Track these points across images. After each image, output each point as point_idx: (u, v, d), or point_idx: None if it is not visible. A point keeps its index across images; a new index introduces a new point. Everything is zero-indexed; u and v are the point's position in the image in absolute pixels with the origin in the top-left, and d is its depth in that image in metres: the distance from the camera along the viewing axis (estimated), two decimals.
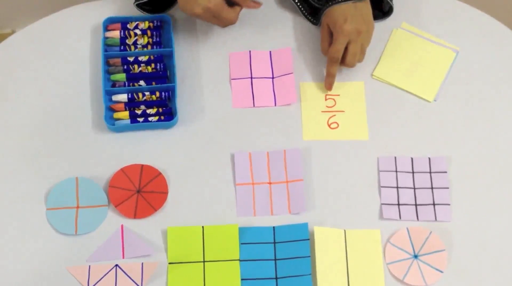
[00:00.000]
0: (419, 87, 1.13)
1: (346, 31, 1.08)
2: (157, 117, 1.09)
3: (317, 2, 1.15)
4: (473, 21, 1.18)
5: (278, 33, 1.18)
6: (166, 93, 1.10)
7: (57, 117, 1.11)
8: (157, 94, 1.10)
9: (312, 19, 1.17)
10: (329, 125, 1.11)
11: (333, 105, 1.12)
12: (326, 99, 1.13)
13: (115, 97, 1.10)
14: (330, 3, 1.10)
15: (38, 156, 1.08)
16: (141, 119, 1.09)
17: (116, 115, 1.10)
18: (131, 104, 1.10)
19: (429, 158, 1.09)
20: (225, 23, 1.11)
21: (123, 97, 1.10)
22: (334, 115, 1.12)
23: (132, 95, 1.10)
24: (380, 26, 1.17)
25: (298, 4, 1.17)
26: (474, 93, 1.14)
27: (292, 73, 1.14)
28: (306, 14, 1.17)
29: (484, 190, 1.07)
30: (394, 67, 1.15)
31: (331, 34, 1.11)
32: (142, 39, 1.14)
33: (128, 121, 1.09)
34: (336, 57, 1.09)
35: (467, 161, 1.09)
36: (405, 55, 1.15)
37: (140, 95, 1.10)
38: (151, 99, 1.10)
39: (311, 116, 1.11)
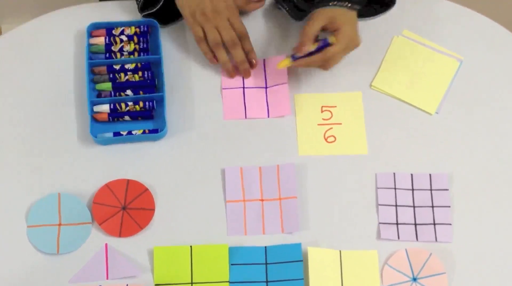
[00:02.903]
0: (420, 98, 1.09)
1: (355, 44, 1.05)
2: (141, 131, 1.04)
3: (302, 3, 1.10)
4: (479, 28, 1.14)
5: (272, 40, 1.13)
6: (150, 103, 1.05)
7: (39, 130, 1.07)
8: (141, 104, 1.05)
9: (293, 14, 1.12)
10: (325, 139, 1.06)
11: (330, 118, 1.08)
12: (322, 111, 1.08)
13: (97, 108, 1.05)
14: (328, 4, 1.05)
15: (19, 170, 1.04)
16: (124, 133, 1.04)
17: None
18: (114, 115, 1.05)
19: (430, 175, 1.05)
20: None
21: (106, 108, 1.05)
22: (331, 128, 1.07)
23: (114, 105, 1.05)
24: (380, 33, 1.13)
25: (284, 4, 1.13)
26: (478, 106, 1.10)
27: (286, 83, 1.09)
28: (287, 9, 1.12)
29: (487, 209, 1.03)
30: (394, 77, 1.11)
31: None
32: (128, 45, 1.09)
33: (111, 134, 1.05)
34: (332, 61, 1.04)
35: (470, 178, 1.05)
36: (406, 65, 1.11)
37: (123, 105, 1.05)
38: (134, 110, 1.05)
39: (306, 130, 1.07)
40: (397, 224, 1.02)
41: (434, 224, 1.02)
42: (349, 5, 1.04)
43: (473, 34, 1.13)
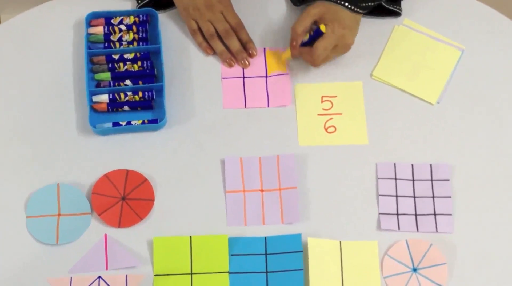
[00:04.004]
0: (421, 88, 1.08)
1: (345, 43, 1.04)
2: (141, 121, 1.04)
3: None
4: (480, 17, 1.13)
5: (273, 30, 1.12)
6: (149, 93, 1.04)
7: (38, 120, 1.06)
8: (140, 94, 1.04)
9: None
10: (326, 129, 1.06)
11: (330, 108, 1.07)
12: (322, 101, 1.07)
13: (96, 98, 1.05)
14: None
15: (17, 161, 1.04)
16: (123, 123, 1.04)
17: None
18: (113, 105, 1.05)
19: (431, 165, 1.04)
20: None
21: (105, 98, 1.04)
22: (331, 118, 1.06)
23: (113, 95, 1.04)
24: (381, 22, 1.12)
25: None
26: (480, 96, 1.09)
27: (287, 73, 1.08)
28: None
29: (489, 200, 1.03)
30: (395, 66, 1.09)
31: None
32: (128, 35, 1.09)
33: (110, 124, 1.04)
34: (321, 57, 1.04)
35: (471, 169, 1.04)
36: (407, 54, 1.10)
37: (122, 95, 1.04)
38: (133, 100, 1.05)
39: (307, 120, 1.06)
40: (397, 214, 1.01)
41: (435, 214, 1.01)
42: (347, 4, 1.04)
43: (474, 24, 1.12)
